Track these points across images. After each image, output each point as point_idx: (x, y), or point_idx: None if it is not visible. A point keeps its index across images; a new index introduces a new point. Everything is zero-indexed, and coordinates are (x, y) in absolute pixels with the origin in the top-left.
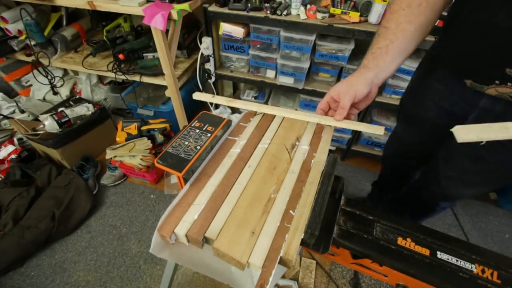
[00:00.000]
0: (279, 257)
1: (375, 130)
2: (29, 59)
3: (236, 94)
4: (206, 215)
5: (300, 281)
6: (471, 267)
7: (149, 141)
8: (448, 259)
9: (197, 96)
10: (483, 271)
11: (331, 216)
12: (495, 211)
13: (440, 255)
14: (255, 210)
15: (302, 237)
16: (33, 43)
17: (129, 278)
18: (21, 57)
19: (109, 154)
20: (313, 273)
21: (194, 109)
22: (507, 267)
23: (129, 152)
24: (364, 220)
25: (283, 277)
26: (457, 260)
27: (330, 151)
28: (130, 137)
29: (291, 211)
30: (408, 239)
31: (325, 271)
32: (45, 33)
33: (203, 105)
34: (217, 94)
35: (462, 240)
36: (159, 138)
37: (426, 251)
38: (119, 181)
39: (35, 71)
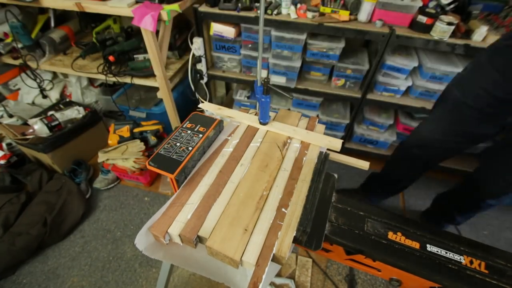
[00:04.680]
0: (272, 255)
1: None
2: (17, 62)
3: (228, 94)
4: (199, 214)
5: (296, 279)
6: (460, 259)
7: (142, 143)
8: (437, 251)
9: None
10: (471, 262)
11: (322, 213)
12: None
13: (429, 248)
14: (248, 208)
15: (294, 234)
16: (20, 45)
17: (124, 282)
18: (8, 60)
19: (101, 157)
20: (309, 271)
21: (187, 109)
22: (493, 258)
23: (121, 155)
24: (356, 216)
25: (280, 275)
26: (446, 252)
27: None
28: (122, 140)
29: (283, 209)
30: (399, 233)
31: (321, 268)
32: (33, 36)
33: (196, 105)
34: (210, 94)
35: (451, 233)
36: (152, 140)
37: (416, 245)
38: (112, 184)
39: (23, 75)
